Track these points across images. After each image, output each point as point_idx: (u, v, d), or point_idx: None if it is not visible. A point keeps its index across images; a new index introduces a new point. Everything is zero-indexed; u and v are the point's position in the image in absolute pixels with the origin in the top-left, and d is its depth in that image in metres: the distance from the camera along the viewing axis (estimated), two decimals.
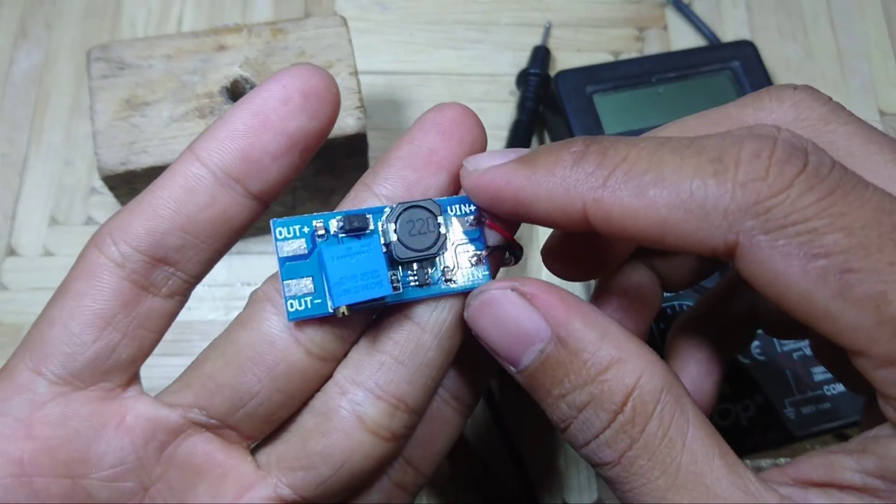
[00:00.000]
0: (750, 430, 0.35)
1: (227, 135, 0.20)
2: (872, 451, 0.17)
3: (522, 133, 0.42)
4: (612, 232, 0.19)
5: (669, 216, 0.17)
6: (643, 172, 0.18)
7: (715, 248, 0.17)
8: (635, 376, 0.18)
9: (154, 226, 0.20)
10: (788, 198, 0.16)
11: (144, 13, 0.45)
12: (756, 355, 0.36)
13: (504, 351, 0.20)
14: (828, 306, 0.16)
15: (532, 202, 0.19)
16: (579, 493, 0.36)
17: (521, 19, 0.47)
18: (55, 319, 0.20)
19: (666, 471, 0.18)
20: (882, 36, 0.48)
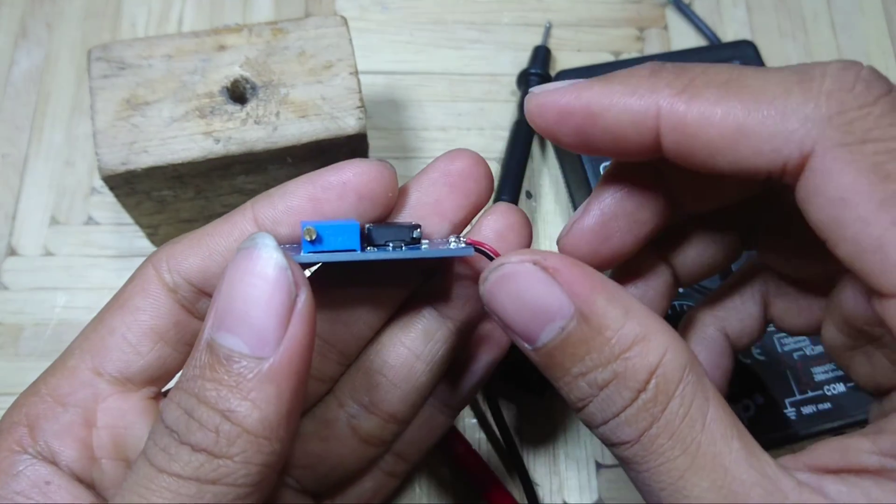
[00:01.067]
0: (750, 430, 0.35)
1: (283, 208, 0.22)
2: (889, 430, 0.17)
3: (524, 133, 0.42)
4: (681, 143, 0.18)
5: (748, 121, 0.17)
6: (724, 82, 0.18)
7: (788, 159, 0.17)
8: (659, 354, 0.18)
9: (207, 265, 0.22)
10: (872, 114, 0.16)
11: (144, 13, 0.45)
12: (756, 355, 0.36)
13: (521, 327, 0.19)
14: (883, 234, 0.16)
15: (603, 112, 0.19)
16: (579, 493, 0.36)
17: (521, 19, 0.47)
18: (115, 329, 0.22)
19: (686, 450, 0.17)
20: (882, 36, 0.48)
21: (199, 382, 0.18)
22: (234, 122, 0.32)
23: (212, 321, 0.18)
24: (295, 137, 0.32)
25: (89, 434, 0.21)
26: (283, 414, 0.18)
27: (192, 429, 0.17)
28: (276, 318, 0.17)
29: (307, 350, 0.18)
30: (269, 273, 0.18)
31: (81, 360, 0.22)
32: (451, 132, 0.44)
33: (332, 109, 0.33)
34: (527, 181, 0.42)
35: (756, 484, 0.17)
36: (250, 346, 0.17)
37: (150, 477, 0.17)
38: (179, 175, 0.32)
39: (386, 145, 0.43)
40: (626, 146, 0.19)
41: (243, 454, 0.17)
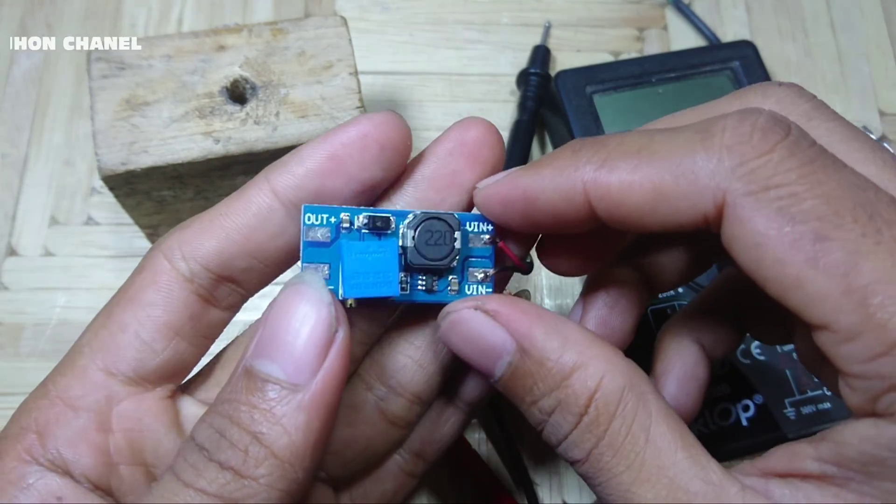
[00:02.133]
0: (750, 430, 0.35)
1: (303, 172, 0.21)
2: (829, 439, 0.18)
3: (523, 133, 0.42)
4: (611, 211, 0.19)
5: (662, 184, 0.18)
6: (637, 151, 0.19)
7: (706, 212, 0.18)
8: (597, 379, 0.19)
9: (224, 248, 0.21)
10: (771, 161, 0.17)
11: (144, 13, 0.45)
12: (756, 355, 0.36)
13: (477, 364, 0.21)
14: (800, 273, 0.17)
15: (538, 195, 0.20)
16: (579, 493, 0.36)
17: (521, 19, 0.47)
18: (127, 325, 0.21)
19: (630, 465, 0.19)
20: (882, 36, 0.48)
21: (234, 405, 0.18)
22: (234, 122, 0.32)
23: (252, 349, 0.19)
24: (295, 137, 0.32)
25: (105, 439, 0.21)
26: (310, 443, 0.18)
27: (223, 447, 0.18)
28: (316, 349, 0.18)
29: (340, 384, 0.19)
30: (314, 308, 0.19)
31: (92, 360, 0.21)
32: None
33: (331, 109, 0.33)
34: None
35: (699, 491, 0.18)
36: (287, 373, 0.18)
37: (174, 491, 0.18)
38: (179, 175, 0.32)
39: None
40: (566, 220, 0.20)
41: (268, 477, 0.18)
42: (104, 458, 0.20)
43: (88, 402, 0.20)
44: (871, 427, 0.17)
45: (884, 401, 0.16)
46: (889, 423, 0.16)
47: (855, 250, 0.16)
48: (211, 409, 0.19)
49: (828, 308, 0.16)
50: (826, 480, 0.18)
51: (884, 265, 0.16)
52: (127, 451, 0.21)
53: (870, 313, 0.16)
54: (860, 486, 0.17)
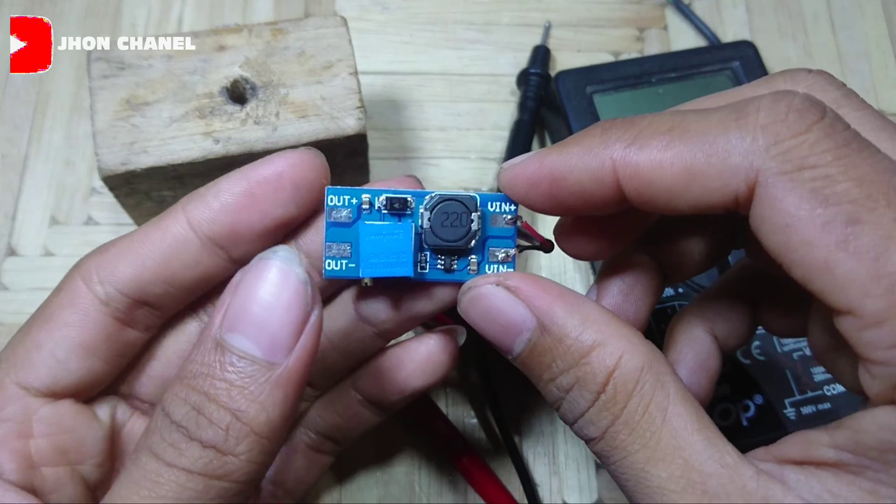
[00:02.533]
0: (750, 430, 0.35)
1: (218, 207, 0.22)
2: (846, 426, 0.18)
3: (524, 133, 0.42)
4: (640, 191, 0.19)
5: (694, 163, 0.18)
6: (668, 129, 0.19)
7: (737, 191, 0.18)
8: (616, 357, 0.19)
9: (139, 275, 0.22)
10: (806, 141, 0.17)
11: (144, 13, 0.45)
12: (756, 355, 0.36)
13: (497, 340, 0.21)
14: (829, 255, 0.16)
15: (565, 175, 0.20)
16: (579, 493, 0.36)
17: (521, 19, 0.47)
18: (42, 344, 0.22)
19: (646, 444, 0.19)
20: (882, 36, 0.48)
21: (209, 381, 0.18)
22: (234, 122, 0.32)
23: (221, 321, 0.18)
24: (295, 138, 0.32)
25: (26, 444, 0.21)
26: (285, 417, 0.19)
27: (202, 425, 0.18)
28: (292, 328, 0.18)
29: (311, 361, 0.19)
30: (291, 285, 0.19)
31: (6, 375, 0.22)
32: (450, 132, 0.44)
33: (331, 110, 0.33)
34: None
35: (714, 473, 0.18)
36: (263, 350, 0.18)
37: (158, 471, 0.18)
38: (179, 175, 0.32)
39: (386, 145, 0.43)
40: (593, 201, 0.20)
41: (249, 453, 0.18)
42: (26, 461, 0.21)
43: (6, 414, 0.21)
44: (890, 414, 0.17)
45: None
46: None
47: (887, 235, 0.16)
48: (180, 381, 0.19)
49: (855, 292, 0.16)
50: (842, 468, 0.17)
51: None
52: (49, 453, 0.22)
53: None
54: (876, 475, 0.17)
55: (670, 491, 0.18)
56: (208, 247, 0.22)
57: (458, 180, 0.43)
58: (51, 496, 0.22)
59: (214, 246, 0.22)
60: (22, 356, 0.22)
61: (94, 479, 0.23)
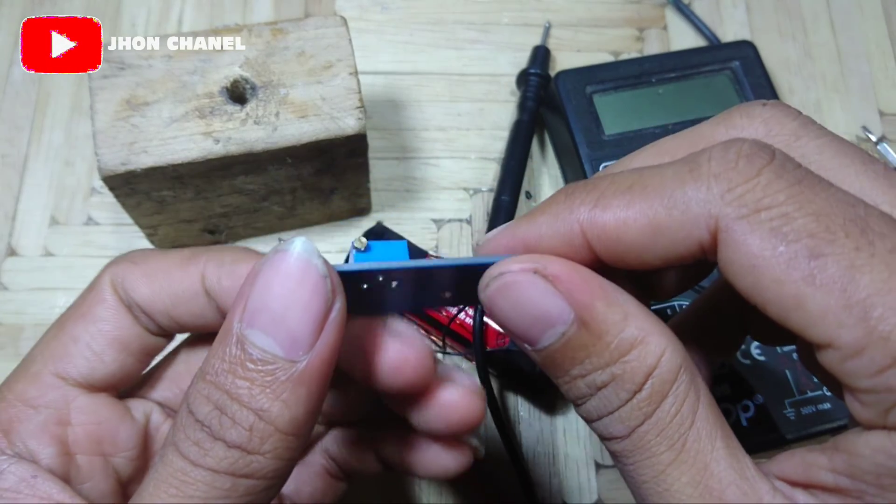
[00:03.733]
0: (750, 431, 0.35)
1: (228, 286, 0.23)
2: (842, 449, 0.18)
3: (523, 133, 0.42)
4: (609, 249, 0.19)
5: (656, 217, 0.18)
6: (629, 188, 0.19)
7: (701, 240, 0.18)
8: (657, 355, 0.19)
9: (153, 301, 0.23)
10: (759, 184, 0.17)
11: (144, 13, 0.45)
12: (756, 356, 0.36)
13: (522, 331, 0.20)
14: (798, 291, 0.17)
15: (537, 243, 0.20)
16: (579, 494, 0.36)
17: (521, 19, 0.47)
18: (79, 338, 0.23)
19: (672, 446, 0.18)
20: (882, 36, 0.48)
21: (230, 378, 0.18)
22: (234, 122, 0.32)
23: (241, 315, 0.18)
24: (295, 138, 0.32)
25: (65, 432, 0.22)
26: (310, 413, 0.19)
27: (226, 425, 0.18)
28: (313, 324, 0.18)
29: (336, 355, 0.19)
30: (311, 279, 0.18)
31: (45, 366, 0.22)
32: (450, 132, 0.44)
33: (331, 109, 0.33)
34: (527, 181, 0.42)
35: (733, 483, 0.18)
36: (284, 348, 0.18)
37: (185, 470, 0.18)
38: (179, 175, 0.32)
39: (385, 145, 0.43)
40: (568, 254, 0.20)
41: (274, 451, 0.18)
42: (63, 447, 0.22)
43: (46, 401, 0.22)
44: (883, 439, 0.17)
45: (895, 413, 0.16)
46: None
47: (850, 264, 0.16)
48: (202, 378, 0.19)
49: (830, 325, 0.16)
50: (842, 493, 0.18)
51: (880, 276, 0.16)
52: (85, 442, 0.22)
53: (872, 326, 0.16)
54: (874, 499, 0.17)
55: (687, 496, 0.18)
56: (214, 308, 0.23)
57: (459, 180, 0.43)
58: (84, 485, 0.22)
59: (220, 310, 0.23)
60: (59, 349, 0.22)
61: (127, 473, 0.23)
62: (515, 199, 0.40)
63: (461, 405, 0.23)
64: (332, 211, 0.40)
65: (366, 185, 0.38)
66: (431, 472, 0.26)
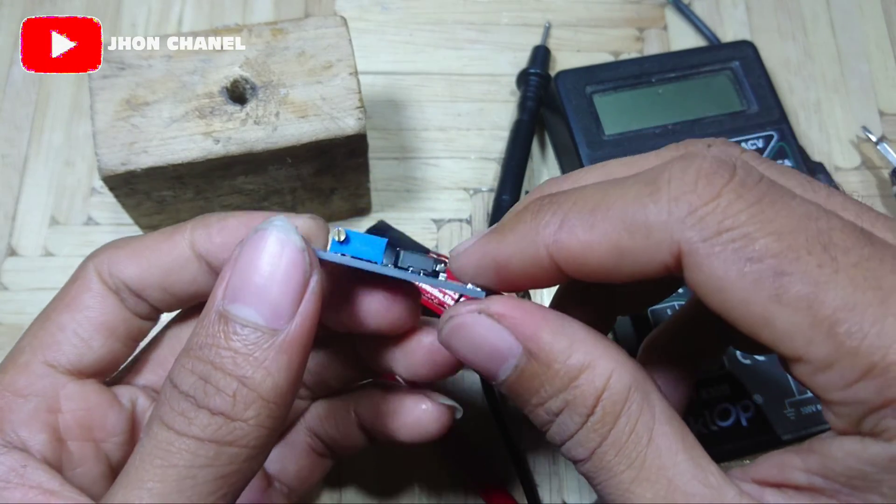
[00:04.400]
0: (750, 431, 0.35)
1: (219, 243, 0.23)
2: (817, 451, 0.18)
3: (523, 133, 0.42)
4: (577, 270, 0.20)
5: (619, 241, 0.19)
6: (592, 210, 0.19)
7: (665, 262, 0.18)
8: (605, 378, 0.19)
9: (143, 277, 0.23)
10: (719, 206, 0.17)
11: (144, 13, 0.45)
12: (756, 356, 0.36)
13: (481, 368, 0.21)
14: (766, 310, 0.17)
15: (507, 262, 0.21)
16: (579, 494, 0.36)
17: (521, 19, 0.47)
18: (65, 325, 0.23)
19: (631, 464, 0.19)
20: (882, 36, 0.48)
21: (214, 350, 0.19)
22: (234, 122, 0.32)
23: (223, 293, 0.19)
24: (295, 138, 0.32)
25: (55, 419, 0.22)
26: (291, 381, 0.19)
27: (210, 393, 0.19)
28: (292, 294, 0.19)
29: (315, 325, 0.20)
30: (289, 253, 0.19)
31: (33, 356, 0.22)
32: (450, 132, 0.44)
33: (331, 110, 0.33)
34: (527, 181, 0.42)
35: (698, 493, 0.18)
36: (265, 318, 0.19)
37: (169, 440, 0.19)
38: (179, 175, 0.32)
39: (385, 145, 0.43)
40: (540, 280, 0.21)
41: (257, 418, 0.19)
42: (55, 435, 0.22)
43: (35, 390, 0.22)
44: (855, 443, 0.17)
45: (866, 423, 0.17)
46: (873, 440, 0.17)
47: (814, 281, 0.16)
48: (186, 354, 0.19)
49: (798, 341, 0.17)
50: (815, 492, 0.18)
51: (844, 292, 0.16)
52: (75, 428, 0.23)
53: (839, 341, 0.16)
54: (848, 499, 0.17)
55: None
56: (206, 271, 0.23)
57: (459, 180, 0.43)
58: (76, 470, 0.22)
59: (212, 272, 0.23)
60: (46, 337, 0.23)
61: (117, 458, 0.24)
62: (516, 199, 0.40)
63: None
64: (332, 211, 0.40)
65: (366, 185, 0.38)
66: (413, 435, 0.26)
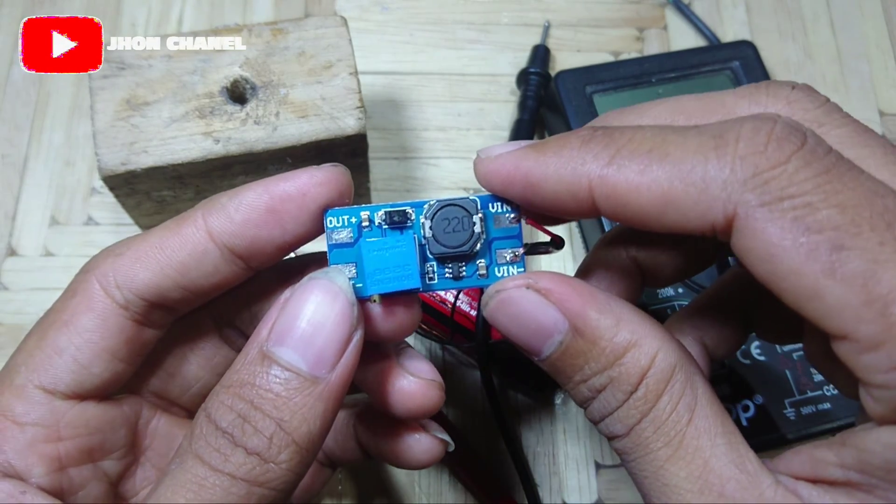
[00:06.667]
0: (750, 431, 0.35)
1: (240, 221, 0.21)
2: (851, 445, 0.18)
3: (523, 133, 0.42)
4: (615, 210, 0.19)
5: (671, 190, 0.18)
6: (648, 151, 0.18)
7: (714, 222, 0.18)
8: (650, 357, 0.19)
9: (159, 282, 0.22)
10: (786, 171, 0.17)
11: (144, 13, 0.45)
12: (756, 356, 0.36)
13: (525, 343, 0.21)
14: (817, 283, 0.16)
15: (541, 183, 0.20)
16: (579, 494, 0.36)
17: (521, 19, 0.47)
18: (63, 349, 0.22)
19: (669, 443, 0.19)
20: (882, 36, 0.48)
21: (255, 390, 0.19)
22: (234, 122, 0.32)
23: (268, 334, 0.19)
24: (295, 138, 0.32)
25: (56, 448, 0.22)
26: (323, 430, 0.20)
27: (248, 433, 0.19)
28: (337, 346, 0.20)
29: (351, 378, 0.20)
30: (340, 306, 0.20)
31: (28, 379, 0.21)
32: (450, 132, 0.44)
33: (331, 109, 0.33)
34: None
35: (733, 478, 0.18)
36: (309, 365, 0.19)
37: (204, 475, 0.19)
38: (179, 175, 0.32)
39: (385, 145, 0.43)
40: (565, 210, 0.20)
41: (289, 462, 0.19)
42: (56, 464, 0.21)
43: (33, 419, 0.21)
44: (893, 434, 0.17)
45: None
46: None
47: (873, 259, 0.16)
48: (226, 389, 0.19)
49: (847, 318, 0.16)
50: (852, 486, 0.17)
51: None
52: (77, 454, 0.22)
53: (891, 322, 0.16)
54: (886, 493, 0.17)
55: (686, 491, 0.18)
56: (227, 257, 0.22)
57: (459, 180, 0.43)
58: (77, 495, 0.22)
59: (233, 256, 0.22)
60: (43, 360, 0.22)
61: (117, 472, 0.23)
62: None
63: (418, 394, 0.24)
64: None
65: (366, 185, 0.38)
66: (402, 462, 0.26)
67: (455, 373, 0.38)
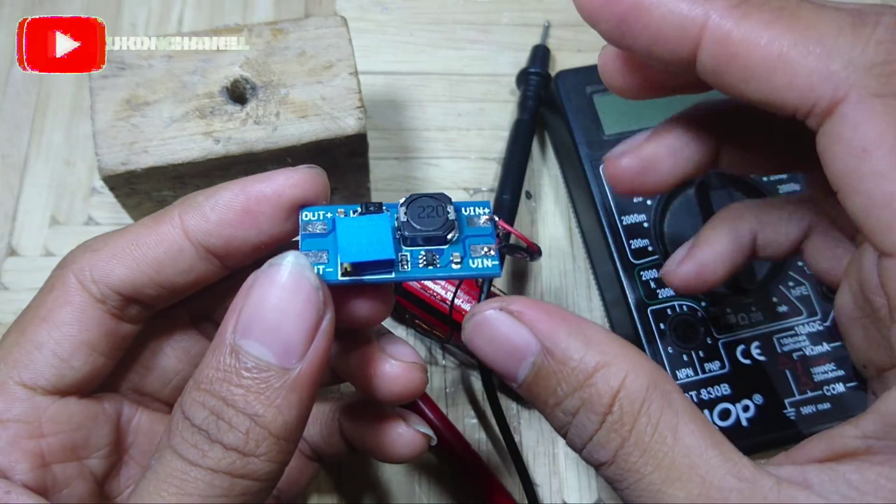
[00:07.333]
0: (750, 431, 0.35)
1: (216, 220, 0.22)
2: (874, 412, 0.17)
3: (523, 133, 0.42)
4: (718, 62, 0.18)
5: (790, 52, 0.17)
6: (780, 7, 0.17)
7: (817, 100, 0.16)
8: (620, 377, 0.19)
9: (134, 277, 0.22)
10: None
11: (144, 13, 0.45)
12: (756, 355, 0.36)
13: (502, 367, 0.21)
14: None
15: (652, 7, 0.19)
16: (579, 493, 0.36)
17: (521, 19, 0.47)
18: (42, 344, 0.22)
19: (659, 465, 0.18)
20: None
21: (226, 386, 0.19)
22: (234, 122, 0.32)
23: (234, 326, 0.19)
24: (295, 138, 0.32)
25: (38, 444, 0.21)
26: (301, 418, 0.19)
27: (223, 429, 0.19)
28: (305, 333, 0.19)
29: (325, 363, 0.20)
30: (304, 291, 0.19)
31: (9, 376, 0.21)
32: (450, 132, 0.44)
33: (332, 109, 0.33)
34: (527, 181, 0.42)
35: (733, 488, 0.18)
36: (277, 356, 0.19)
37: (184, 470, 0.19)
38: (179, 175, 0.32)
39: (386, 145, 0.43)
40: (662, 49, 0.19)
41: (268, 454, 0.19)
42: (39, 461, 0.21)
43: (15, 415, 0.21)
44: None
45: None
46: None
47: None
48: (197, 386, 0.19)
49: None
50: (865, 457, 0.17)
51: None
52: (60, 451, 0.22)
53: None
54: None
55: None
56: (203, 255, 0.22)
57: (459, 180, 0.43)
58: (62, 492, 0.22)
59: (209, 255, 0.22)
60: (22, 356, 0.22)
61: (101, 471, 0.23)
62: (516, 199, 0.40)
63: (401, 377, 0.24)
64: None
65: (366, 185, 0.38)
66: (385, 455, 0.26)
67: (455, 373, 0.38)
